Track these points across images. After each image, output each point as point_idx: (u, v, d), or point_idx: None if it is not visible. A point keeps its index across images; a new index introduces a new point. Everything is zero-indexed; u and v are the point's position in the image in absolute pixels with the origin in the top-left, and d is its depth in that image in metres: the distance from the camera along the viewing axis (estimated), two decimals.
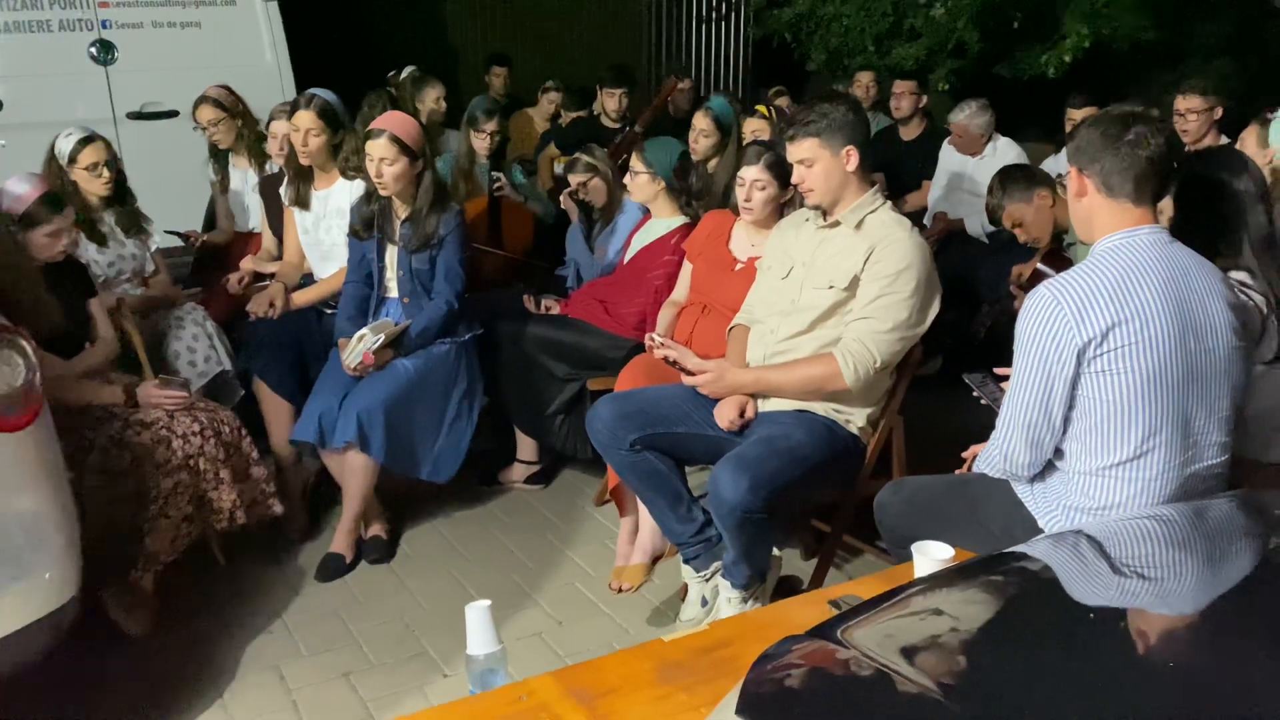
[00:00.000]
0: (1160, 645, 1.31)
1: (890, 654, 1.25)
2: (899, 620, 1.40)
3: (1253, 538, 1.65)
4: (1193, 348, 1.98)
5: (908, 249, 2.62)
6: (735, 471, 2.47)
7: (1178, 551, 1.61)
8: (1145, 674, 1.22)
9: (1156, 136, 2.00)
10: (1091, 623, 1.36)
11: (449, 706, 1.80)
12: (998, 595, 1.48)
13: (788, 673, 1.26)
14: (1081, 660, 1.19)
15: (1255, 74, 7.00)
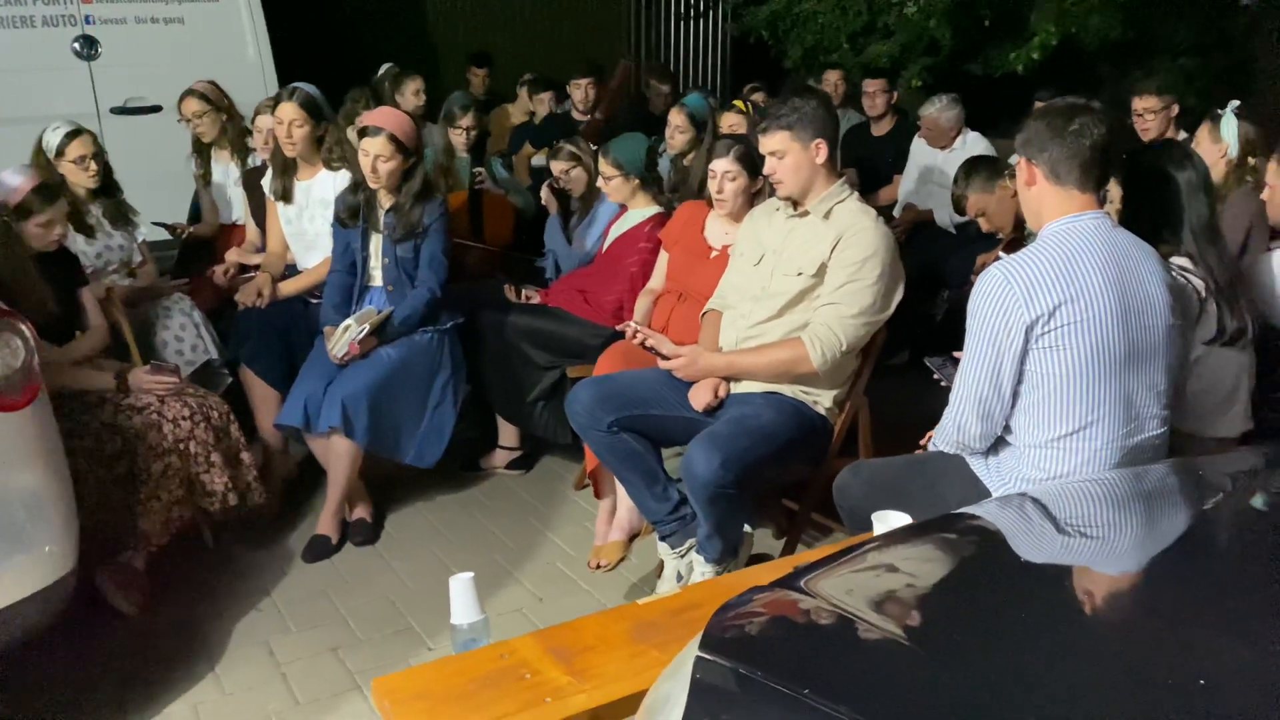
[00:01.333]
0: (1096, 593, 1.43)
1: (850, 600, 1.36)
2: (859, 572, 1.51)
3: (1183, 498, 1.78)
4: (1133, 326, 2.11)
5: (873, 238, 2.74)
6: (708, 449, 2.59)
7: (1114, 510, 1.73)
8: (1083, 619, 1.34)
9: (1099, 126, 2.12)
10: (1033, 573, 1.48)
11: (433, 664, 1.90)
12: (950, 550, 1.60)
13: (751, 617, 1.37)
14: (1024, 608, 1.31)
15: (1220, 71, 7.18)
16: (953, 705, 1.04)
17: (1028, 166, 2.19)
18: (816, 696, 1.05)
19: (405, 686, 1.77)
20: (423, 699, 1.72)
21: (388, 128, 3.23)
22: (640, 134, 3.95)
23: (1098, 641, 1.25)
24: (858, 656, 1.18)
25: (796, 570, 1.51)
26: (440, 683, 1.77)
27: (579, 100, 5.68)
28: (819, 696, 1.05)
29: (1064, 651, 1.19)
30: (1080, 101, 2.19)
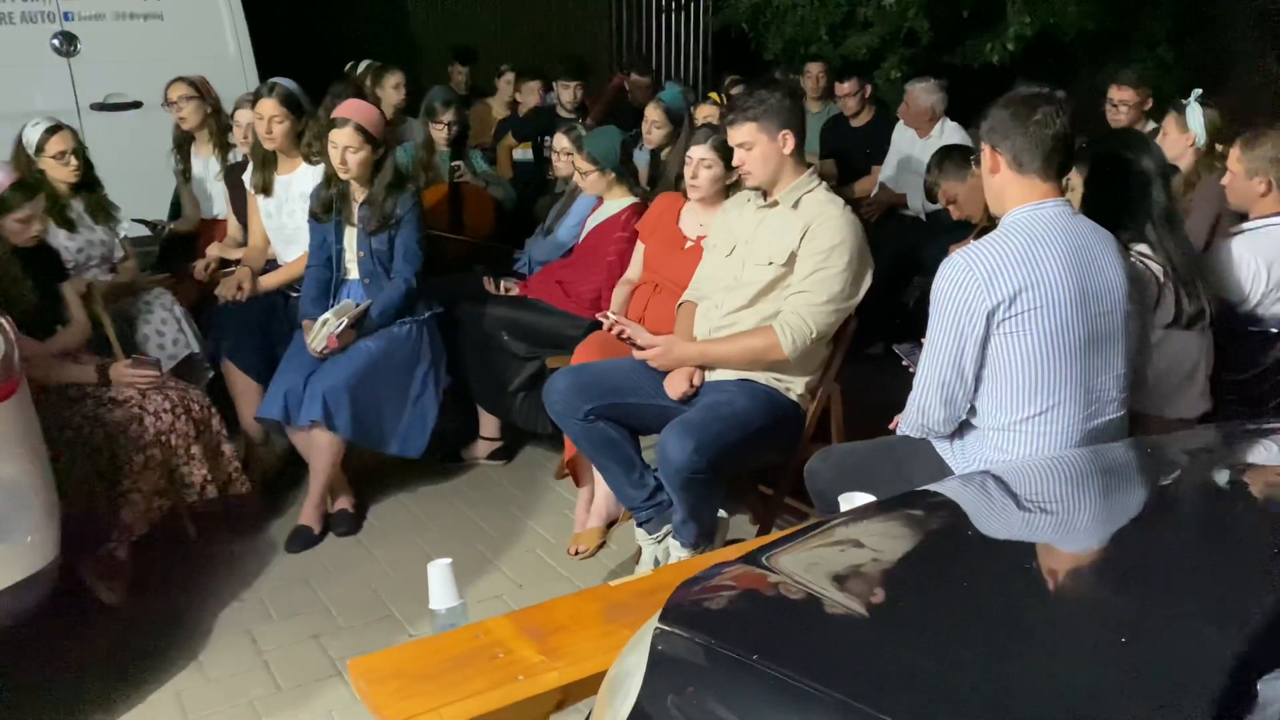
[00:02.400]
0: (1045, 565, 1.48)
1: (805, 573, 1.41)
2: (818, 548, 1.56)
3: (1138, 475, 1.83)
4: (1091, 311, 2.16)
5: (840, 226, 2.79)
6: (681, 435, 2.64)
7: (1068, 485, 1.78)
8: (1031, 589, 1.38)
9: (1061, 116, 2.18)
10: (984, 545, 1.53)
11: (409, 644, 1.95)
12: (907, 525, 1.64)
13: (710, 591, 1.42)
14: (974, 579, 1.36)
15: (1197, 62, 7.25)
16: (897, 669, 1.09)
17: (991, 154, 2.24)
18: (765, 661, 1.10)
19: (380, 666, 1.81)
20: (397, 678, 1.77)
21: (355, 118, 3.27)
22: (614, 128, 3.99)
23: (1045, 610, 1.30)
24: (807, 625, 1.23)
25: (760, 547, 1.56)
26: (415, 662, 1.82)
27: (566, 100, 5.71)
28: (768, 661, 1.10)
29: (1012, 620, 1.25)
30: (1043, 91, 2.24)
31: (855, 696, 0.99)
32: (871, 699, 0.99)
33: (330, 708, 2.54)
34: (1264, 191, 2.76)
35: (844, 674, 1.06)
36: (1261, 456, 1.74)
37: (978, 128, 2.39)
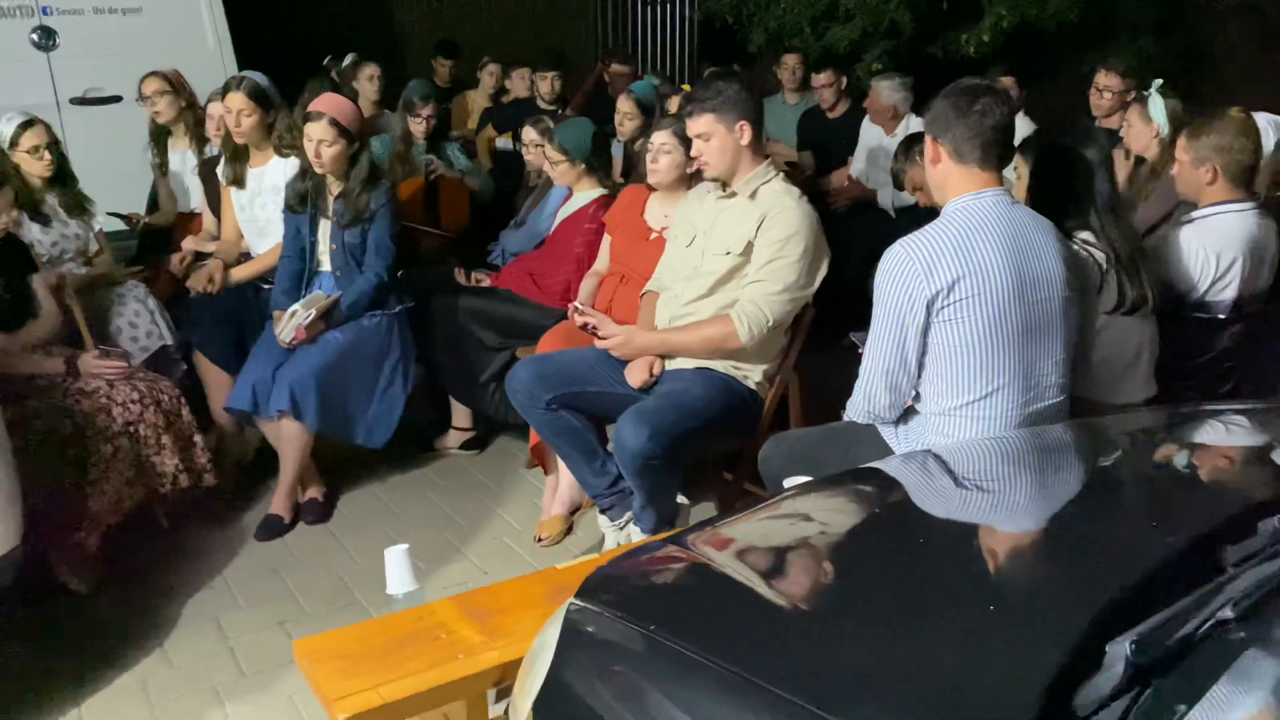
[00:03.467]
0: (953, 538, 1.51)
1: (725, 554, 1.45)
2: (746, 529, 1.60)
3: (1072, 455, 1.87)
4: (1029, 298, 2.20)
5: (796, 217, 2.83)
6: (636, 422, 2.68)
7: (1008, 465, 1.82)
8: (934, 560, 1.40)
9: (1001, 107, 2.21)
10: (899, 520, 1.57)
11: (355, 626, 1.99)
12: (833, 502, 1.68)
13: (628, 569, 1.47)
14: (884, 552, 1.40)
15: (1179, 54, 7.28)
16: (785, 641, 1.13)
17: (933, 145, 2.28)
18: (661, 632, 1.14)
19: (325, 647, 1.86)
20: (341, 658, 1.82)
21: (329, 112, 3.30)
22: (586, 119, 4.02)
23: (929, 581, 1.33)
24: (707, 599, 1.27)
25: (690, 528, 1.60)
26: (359, 643, 1.87)
27: (545, 92, 5.74)
28: (663, 632, 1.14)
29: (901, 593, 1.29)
30: (984, 82, 2.28)
31: (736, 664, 1.03)
32: (754, 668, 1.03)
33: (291, 692, 2.59)
34: (1210, 180, 2.79)
35: (732, 646, 1.10)
36: (1172, 437, 1.79)
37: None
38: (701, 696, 1.04)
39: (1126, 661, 0.93)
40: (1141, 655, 0.93)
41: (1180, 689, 0.92)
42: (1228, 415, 1.83)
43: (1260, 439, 1.70)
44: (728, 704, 1.01)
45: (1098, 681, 0.92)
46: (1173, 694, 0.92)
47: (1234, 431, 1.75)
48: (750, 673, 1.02)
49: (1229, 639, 0.97)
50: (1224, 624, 0.98)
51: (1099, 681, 0.92)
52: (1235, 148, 2.79)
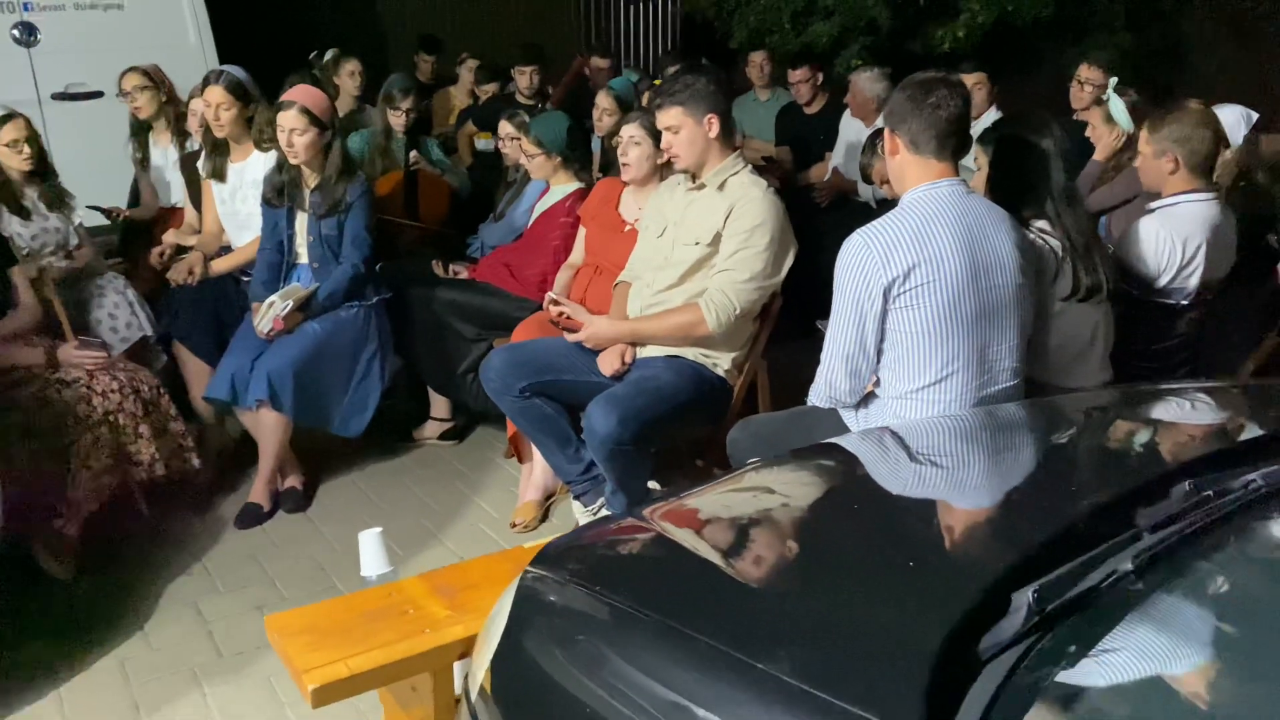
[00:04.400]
0: (921, 507, 1.57)
1: (671, 524, 1.51)
2: (702, 502, 1.65)
3: (1010, 430, 1.93)
4: (983, 285, 2.27)
5: (762, 207, 2.89)
6: (606, 408, 2.74)
7: (948, 439, 1.89)
8: (905, 531, 1.46)
9: (956, 99, 2.28)
10: (861, 489, 1.63)
11: (324, 603, 2.04)
12: (798, 475, 1.73)
13: (582, 540, 1.53)
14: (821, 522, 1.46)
15: (1155, 48, 7.37)
16: (722, 595, 1.20)
17: (891, 137, 2.35)
18: (605, 592, 1.20)
19: (294, 622, 1.91)
20: (310, 633, 1.87)
21: (299, 100, 3.35)
22: (562, 113, 4.08)
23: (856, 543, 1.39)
24: (652, 563, 1.34)
25: (648, 501, 1.66)
26: (328, 618, 1.92)
27: (524, 86, 5.79)
28: (607, 591, 1.20)
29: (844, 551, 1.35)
30: (940, 75, 2.34)
31: (673, 619, 1.10)
32: (690, 623, 1.09)
33: (269, 674, 2.64)
34: (1172, 170, 2.86)
35: (671, 604, 1.16)
36: (1103, 414, 1.86)
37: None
38: (642, 648, 1.10)
39: (1028, 608, 0.99)
40: (1043, 603, 1.00)
41: (1078, 634, 0.99)
42: (1159, 394, 1.90)
43: (1183, 415, 1.77)
44: (665, 654, 1.07)
45: (1002, 626, 0.99)
46: (1070, 638, 0.98)
47: (1161, 408, 1.82)
48: (686, 626, 1.08)
49: (1127, 590, 1.04)
50: (1124, 577, 1.05)
51: (1003, 626, 0.99)
52: (1195, 138, 2.86)
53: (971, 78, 5.04)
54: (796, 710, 0.91)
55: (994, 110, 5.01)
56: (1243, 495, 1.18)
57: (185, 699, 2.56)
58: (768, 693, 0.94)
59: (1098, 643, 0.96)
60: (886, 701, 0.87)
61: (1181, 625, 1.01)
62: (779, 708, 0.92)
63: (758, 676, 0.96)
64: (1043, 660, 0.95)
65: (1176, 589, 1.04)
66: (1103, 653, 0.94)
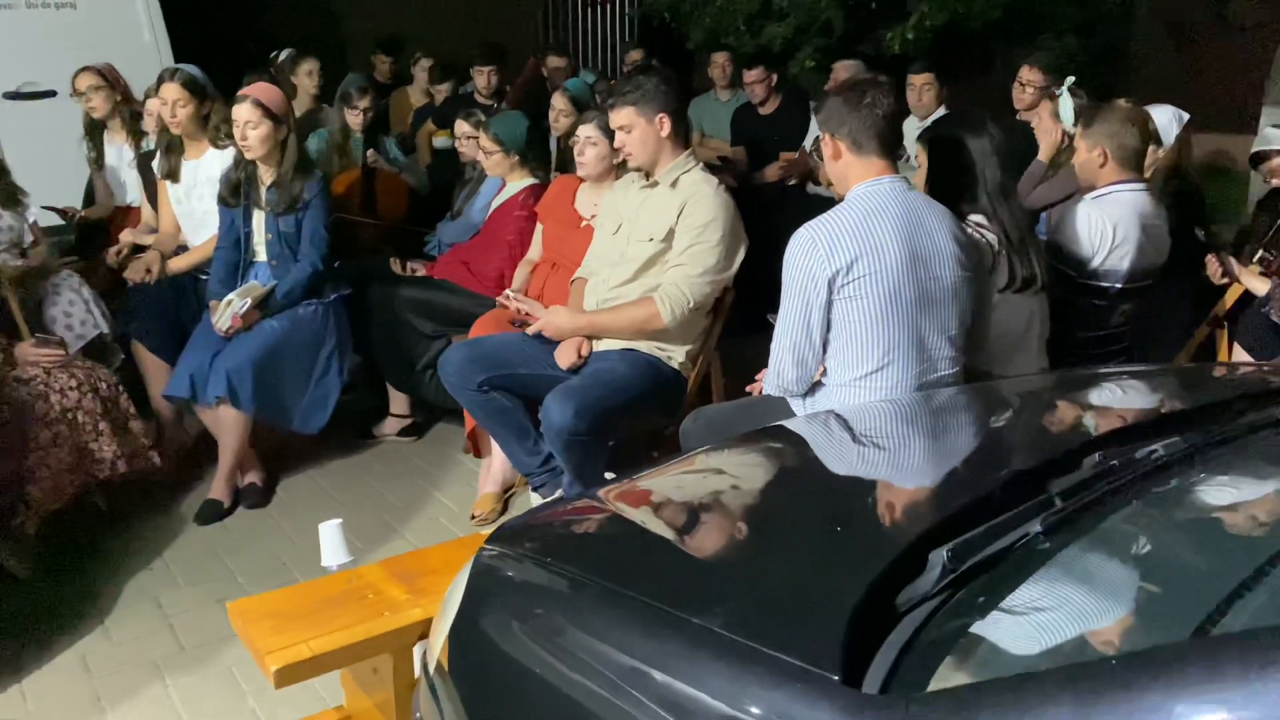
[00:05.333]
0: (854, 480, 1.65)
1: (622, 502, 1.58)
2: (655, 482, 1.72)
3: (941, 411, 2.03)
4: (922, 276, 2.37)
5: (714, 204, 2.98)
6: (562, 400, 2.81)
7: (884, 421, 1.98)
8: (838, 501, 1.54)
9: (888, 97, 2.38)
10: (799, 465, 1.72)
11: (286, 589, 2.09)
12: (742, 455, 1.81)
13: (537, 519, 1.60)
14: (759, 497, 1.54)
15: (1100, 52, 7.57)
16: (663, 561, 1.27)
17: (832, 142, 2.44)
18: (556, 563, 1.27)
19: (257, 607, 1.96)
20: (272, 617, 1.92)
21: (252, 94, 3.38)
22: (520, 113, 4.13)
23: (801, 510, 1.47)
24: (600, 537, 1.41)
25: (604, 484, 1.73)
26: (289, 604, 1.97)
27: (482, 86, 5.84)
28: (558, 562, 1.27)
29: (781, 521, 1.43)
30: (869, 76, 2.44)
31: (616, 582, 1.17)
32: (631, 586, 1.17)
33: (230, 664, 2.67)
34: (1102, 163, 3.00)
35: (614, 569, 1.24)
36: (1028, 396, 1.96)
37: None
38: (590, 612, 1.17)
39: (943, 566, 1.08)
40: (957, 561, 1.08)
41: (989, 589, 1.07)
42: (1081, 379, 2.01)
43: (1099, 396, 1.88)
44: (611, 617, 1.14)
45: (919, 583, 1.07)
46: (981, 592, 1.07)
47: (1080, 391, 1.92)
48: (629, 589, 1.15)
49: (1036, 550, 1.12)
50: (1034, 538, 1.14)
51: (920, 583, 1.07)
52: (1122, 133, 3.00)
53: (920, 78, 5.20)
54: (728, 659, 0.98)
55: (943, 110, 5.15)
56: (1145, 464, 1.28)
57: (147, 691, 2.59)
58: (702, 645, 1.01)
59: (1006, 596, 1.04)
60: (809, 648, 0.94)
61: (1082, 579, 1.10)
62: (712, 658, 0.99)
63: (693, 630, 1.04)
64: (956, 612, 1.03)
65: (1080, 547, 1.13)
66: (1010, 604, 1.03)
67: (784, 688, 0.91)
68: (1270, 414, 1.49)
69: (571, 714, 1.09)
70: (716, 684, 0.96)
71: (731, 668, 0.97)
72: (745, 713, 0.92)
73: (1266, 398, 1.59)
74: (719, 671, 0.97)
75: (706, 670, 0.98)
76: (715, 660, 0.98)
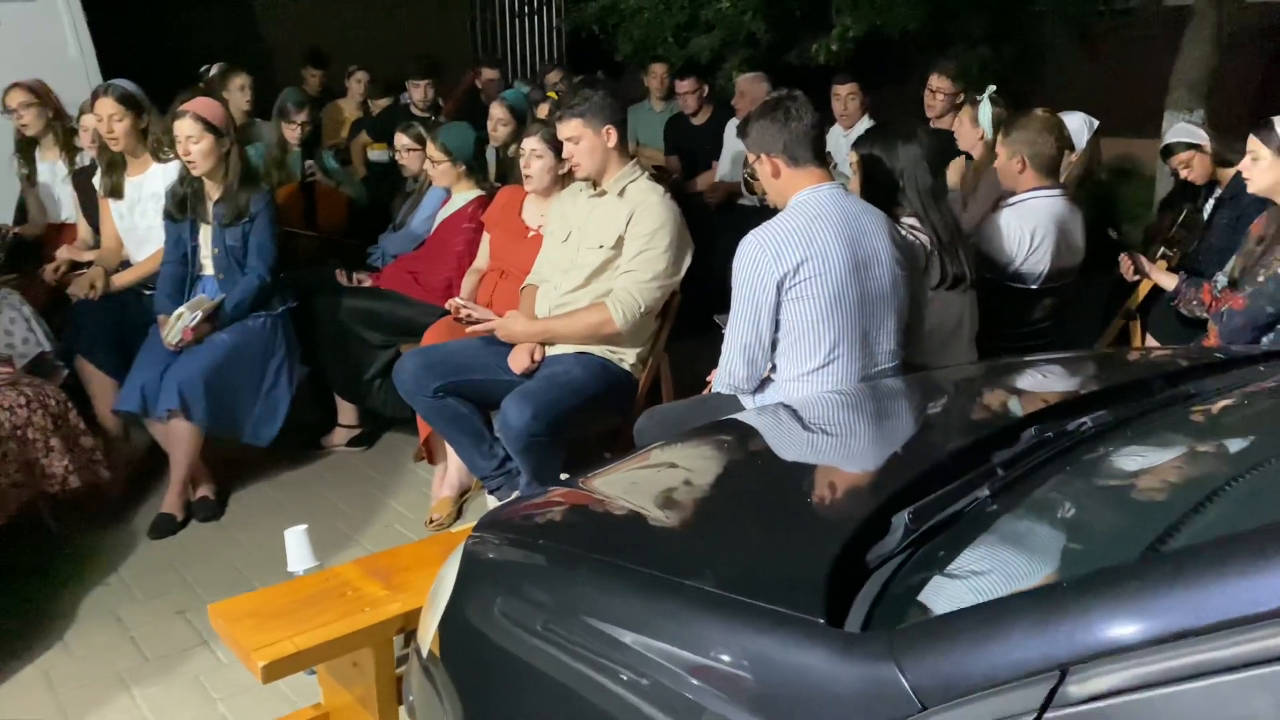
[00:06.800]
0: (820, 460, 1.78)
1: (603, 485, 1.68)
2: (629, 465, 1.83)
3: (889, 397, 2.17)
4: (863, 276, 2.52)
5: (661, 211, 3.10)
6: (520, 402, 2.90)
7: (839, 409, 2.11)
8: (807, 477, 1.66)
9: (808, 108, 2.54)
10: (768, 447, 1.83)
11: (264, 590, 2.15)
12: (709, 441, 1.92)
13: (521, 505, 1.69)
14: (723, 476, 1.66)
15: (1012, 61, 7.89)
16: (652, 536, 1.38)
17: (768, 160, 2.57)
18: (549, 543, 1.37)
19: (237, 608, 2.02)
20: (253, 616, 1.98)
21: (192, 109, 3.40)
22: (468, 124, 4.21)
23: (777, 485, 1.59)
24: (588, 517, 1.51)
25: (580, 473, 1.82)
26: (270, 603, 2.03)
27: (418, 99, 5.89)
28: (551, 542, 1.37)
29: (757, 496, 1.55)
30: (785, 92, 2.58)
31: (610, 555, 1.27)
32: (625, 556, 1.27)
33: (198, 673, 2.70)
34: (1020, 169, 3.20)
35: (606, 544, 1.34)
36: (967, 382, 2.13)
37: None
38: (586, 585, 1.27)
39: (905, 527, 1.20)
40: (917, 523, 1.21)
41: (946, 546, 1.20)
42: (1014, 366, 2.17)
43: (1033, 379, 2.05)
44: (605, 587, 1.24)
45: (885, 542, 1.20)
46: (938, 550, 1.20)
47: (1015, 376, 2.09)
48: (621, 559, 1.25)
49: (984, 512, 1.26)
50: (982, 501, 1.27)
51: (885, 542, 1.20)
52: (1039, 141, 3.20)
53: (845, 89, 5.40)
54: (722, 614, 1.09)
55: (867, 119, 5.36)
56: (1075, 435, 1.42)
57: (114, 703, 2.60)
58: (695, 603, 1.12)
59: (961, 552, 1.17)
60: (796, 598, 1.06)
61: (1026, 535, 1.24)
62: (706, 614, 1.10)
63: (688, 592, 1.14)
64: (917, 567, 1.16)
65: (1023, 508, 1.27)
66: (966, 558, 1.16)
67: (776, 633, 1.02)
68: (1180, 391, 1.66)
69: (577, 685, 1.18)
70: (712, 636, 1.07)
71: (726, 621, 1.08)
72: (741, 659, 1.03)
73: (1177, 376, 1.76)
74: (714, 625, 1.08)
75: (702, 626, 1.09)
76: (710, 616, 1.09)
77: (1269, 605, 0.74)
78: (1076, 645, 0.81)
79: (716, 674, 1.04)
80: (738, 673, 1.03)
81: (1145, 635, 0.79)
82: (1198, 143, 3.92)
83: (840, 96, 5.28)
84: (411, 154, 4.38)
